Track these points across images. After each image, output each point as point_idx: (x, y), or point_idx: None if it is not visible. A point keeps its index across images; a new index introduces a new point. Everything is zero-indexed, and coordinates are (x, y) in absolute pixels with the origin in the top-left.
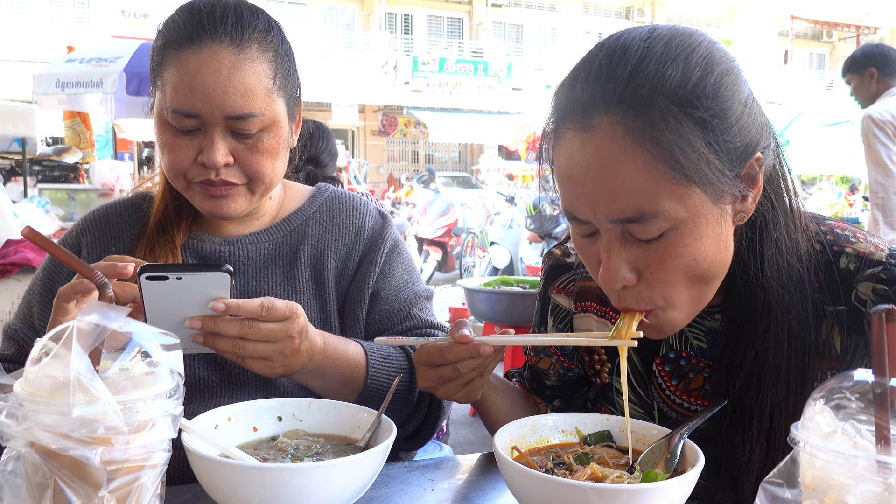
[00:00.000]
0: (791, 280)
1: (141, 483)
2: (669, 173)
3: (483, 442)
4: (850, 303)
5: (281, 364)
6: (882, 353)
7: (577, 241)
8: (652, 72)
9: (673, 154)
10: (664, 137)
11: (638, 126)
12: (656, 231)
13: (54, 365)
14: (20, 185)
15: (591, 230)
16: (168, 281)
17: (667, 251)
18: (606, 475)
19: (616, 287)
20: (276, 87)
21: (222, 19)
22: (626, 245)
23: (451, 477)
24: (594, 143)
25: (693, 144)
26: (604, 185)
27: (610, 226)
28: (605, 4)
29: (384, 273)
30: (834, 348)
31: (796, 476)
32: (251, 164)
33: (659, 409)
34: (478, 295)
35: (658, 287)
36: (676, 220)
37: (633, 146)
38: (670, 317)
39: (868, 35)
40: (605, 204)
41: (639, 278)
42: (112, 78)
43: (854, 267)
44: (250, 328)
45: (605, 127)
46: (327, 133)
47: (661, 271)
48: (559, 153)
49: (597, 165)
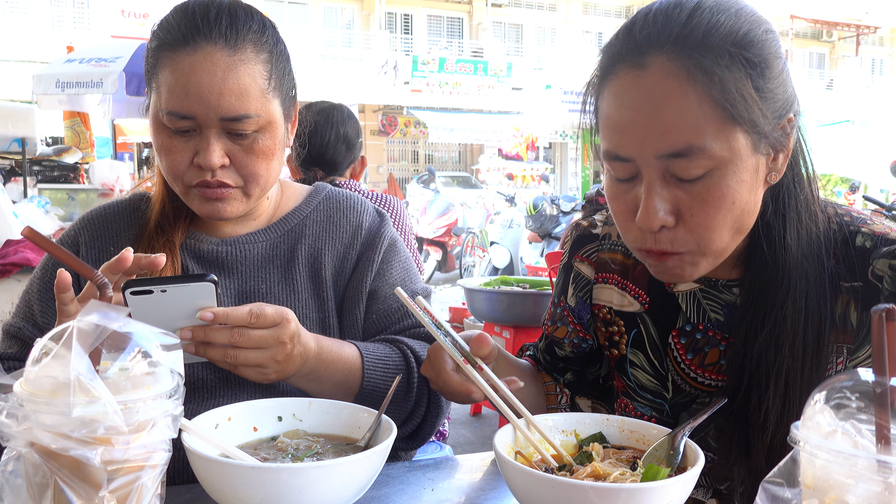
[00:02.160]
0: (811, 250)
1: (141, 483)
2: (718, 112)
3: (483, 442)
4: (866, 279)
5: (274, 370)
6: (882, 352)
7: (613, 188)
8: (706, 18)
9: (723, 93)
10: (716, 76)
11: (692, 64)
12: (700, 169)
13: (54, 365)
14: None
15: (632, 172)
16: (153, 294)
17: (709, 192)
18: (608, 473)
19: (654, 228)
20: (271, 87)
21: (216, 20)
22: (667, 186)
23: (451, 477)
24: (648, 79)
25: (742, 86)
26: (655, 120)
27: (654, 163)
28: (605, 4)
29: (382, 272)
30: (850, 323)
31: (796, 476)
32: (247, 165)
33: (673, 381)
34: (478, 295)
35: (696, 230)
36: (720, 160)
37: (686, 83)
38: (697, 262)
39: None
40: (654, 138)
41: (677, 222)
42: (112, 78)
43: (870, 245)
44: (240, 336)
45: (659, 64)
46: (337, 117)
47: (702, 213)
48: (608, 95)
49: (649, 100)
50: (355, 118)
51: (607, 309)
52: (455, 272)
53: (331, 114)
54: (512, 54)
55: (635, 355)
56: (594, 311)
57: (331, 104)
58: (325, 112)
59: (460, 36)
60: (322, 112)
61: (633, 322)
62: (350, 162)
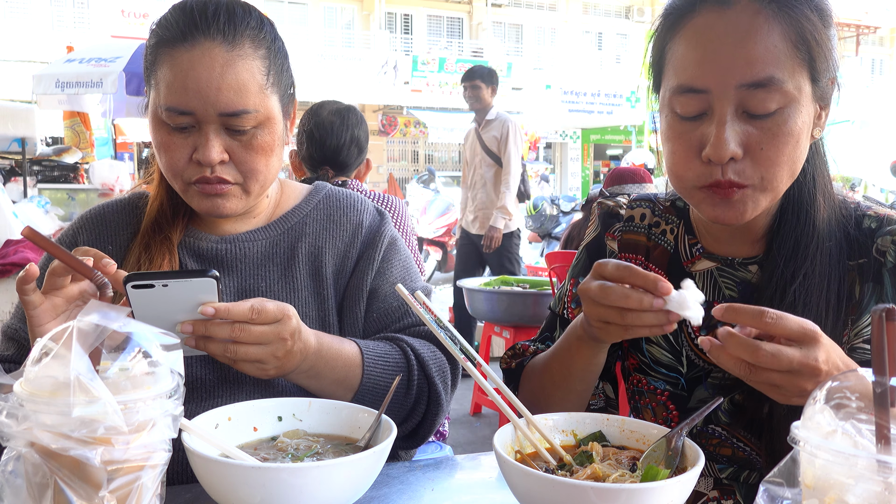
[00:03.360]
0: (835, 214)
1: (141, 483)
2: (795, 52)
3: (483, 442)
4: (870, 255)
5: (274, 366)
6: (882, 352)
7: (677, 127)
8: None
9: (801, 35)
10: (797, 19)
11: (778, 5)
12: (774, 104)
13: (54, 365)
14: (20, 185)
15: (702, 107)
16: (154, 289)
17: (779, 127)
18: (607, 475)
19: (724, 159)
20: (269, 83)
21: (215, 17)
22: (739, 120)
23: (451, 477)
24: (734, 15)
25: (818, 32)
26: (740, 51)
27: (732, 94)
28: (605, 4)
29: (382, 270)
30: (854, 297)
31: (796, 475)
32: (246, 161)
33: (687, 356)
34: (478, 295)
35: (763, 163)
36: (792, 98)
37: (772, 20)
38: (757, 199)
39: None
40: (738, 68)
41: (744, 155)
42: (112, 78)
43: (875, 226)
44: (241, 331)
45: (746, 3)
46: (352, 120)
47: (772, 147)
48: (687, 32)
49: (735, 33)
50: (365, 121)
51: None
52: None
53: (346, 116)
54: (512, 54)
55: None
56: None
57: (345, 106)
58: (340, 113)
59: (460, 36)
60: (338, 113)
61: None
62: (358, 163)
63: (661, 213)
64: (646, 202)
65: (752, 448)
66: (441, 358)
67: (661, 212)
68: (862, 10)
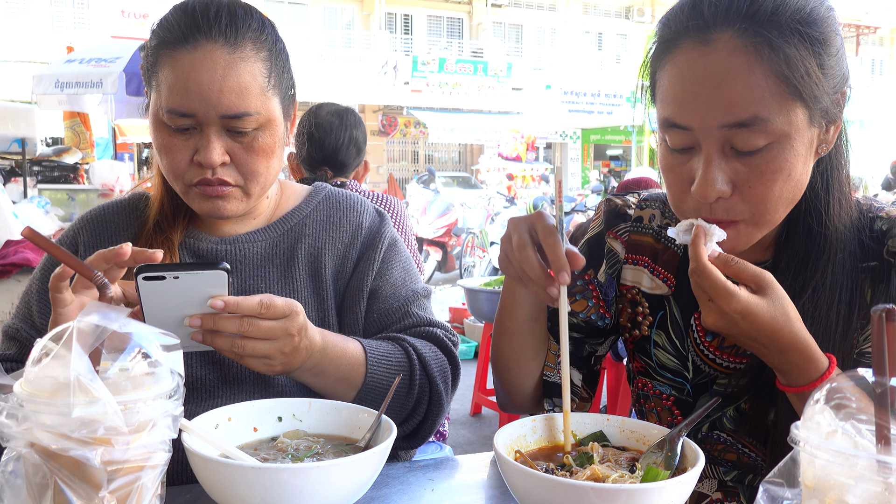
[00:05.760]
0: (851, 220)
1: (141, 483)
2: (782, 87)
3: (483, 442)
4: (881, 258)
5: (280, 362)
6: (882, 353)
7: (668, 159)
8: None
9: (789, 70)
10: (783, 54)
11: (760, 41)
12: (761, 142)
13: (54, 365)
14: (20, 185)
15: (689, 142)
16: (165, 280)
17: (767, 164)
18: (607, 475)
19: (711, 199)
20: (270, 85)
21: (216, 18)
22: (726, 158)
23: (451, 477)
24: (714, 54)
25: (807, 63)
26: (719, 94)
27: (715, 133)
28: (605, 4)
29: (382, 271)
30: (866, 301)
31: (797, 476)
32: (247, 163)
33: (693, 362)
34: (478, 295)
35: (752, 201)
36: (780, 133)
37: (753, 59)
38: (750, 232)
39: (868, 35)
40: (719, 109)
41: (732, 192)
42: (112, 78)
43: (886, 228)
44: (249, 325)
45: (726, 41)
46: (351, 121)
47: (760, 185)
48: (670, 67)
49: (714, 76)
50: (363, 123)
51: (636, 290)
52: (455, 272)
53: (345, 116)
54: (512, 54)
55: (658, 336)
56: (621, 290)
57: (343, 107)
58: (339, 114)
59: (460, 36)
60: (336, 114)
61: (660, 304)
62: (356, 164)
63: (672, 215)
64: (656, 202)
65: (757, 454)
66: (442, 358)
67: (671, 214)
68: (862, 10)
